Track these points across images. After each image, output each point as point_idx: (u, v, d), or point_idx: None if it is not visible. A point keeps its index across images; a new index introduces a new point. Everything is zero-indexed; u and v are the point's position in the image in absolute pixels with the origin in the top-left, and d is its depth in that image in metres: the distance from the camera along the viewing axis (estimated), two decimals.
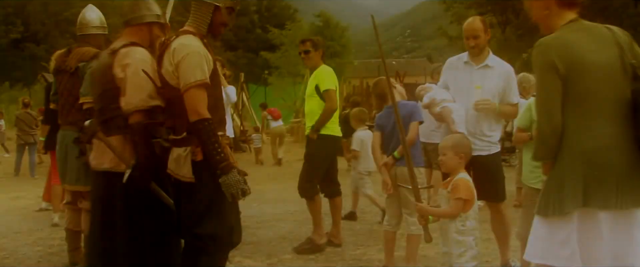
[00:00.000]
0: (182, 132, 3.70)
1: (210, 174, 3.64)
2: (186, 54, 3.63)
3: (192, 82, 3.59)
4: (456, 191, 4.01)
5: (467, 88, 5.16)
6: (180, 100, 3.65)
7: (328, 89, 6.17)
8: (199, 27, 3.86)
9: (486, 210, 7.22)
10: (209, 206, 3.71)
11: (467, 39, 5.17)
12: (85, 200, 5.38)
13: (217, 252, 3.80)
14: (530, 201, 4.78)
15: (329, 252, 6.08)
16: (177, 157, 3.70)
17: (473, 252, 4.04)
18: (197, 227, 3.71)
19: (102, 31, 5.65)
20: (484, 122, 5.09)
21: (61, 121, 5.52)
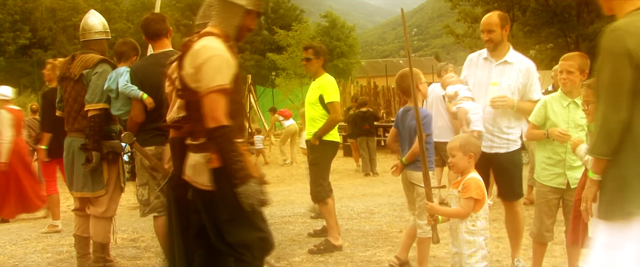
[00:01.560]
0: (200, 137, 3.53)
1: (230, 181, 3.46)
2: (209, 57, 3.44)
3: (213, 86, 3.41)
4: (467, 190, 3.97)
5: (485, 85, 5.13)
6: (199, 105, 3.48)
7: (333, 101, 6.41)
8: (225, 29, 3.66)
9: (496, 209, 7.20)
10: (234, 213, 3.51)
11: (482, 33, 5.15)
12: (93, 206, 5.37)
13: (254, 260, 3.60)
14: (542, 199, 4.74)
15: (338, 255, 6.04)
16: (195, 164, 3.54)
17: (483, 252, 4.00)
18: (228, 236, 3.53)
19: (105, 36, 5.63)
20: (502, 120, 5.04)
21: (67, 128, 5.51)
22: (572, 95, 4.57)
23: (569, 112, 4.57)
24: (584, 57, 4.64)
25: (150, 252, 6.36)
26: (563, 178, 4.60)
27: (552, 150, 4.62)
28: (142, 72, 5.03)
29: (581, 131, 4.53)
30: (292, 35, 33.15)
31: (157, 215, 5.12)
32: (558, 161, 4.60)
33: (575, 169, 4.56)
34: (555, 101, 4.62)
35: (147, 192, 5.11)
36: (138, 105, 4.99)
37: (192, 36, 3.61)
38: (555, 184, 4.63)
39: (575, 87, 4.57)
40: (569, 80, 4.55)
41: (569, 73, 4.55)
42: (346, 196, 9.71)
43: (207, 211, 3.55)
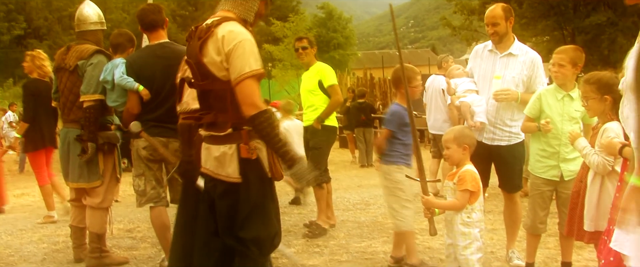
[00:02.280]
0: (227, 128, 3.39)
1: (256, 174, 3.42)
2: (238, 42, 3.29)
3: (247, 72, 3.26)
4: (462, 182, 3.99)
5: (490, 77, 5.15)
6: (224, 94, 3.36)
7: (333, 84, 6.72)
8: (244, 15, 3.52)
9: (491, 201, 7.24)
10: (254, 208, 3.43)
11: (487, 26, 5.15)
12: (89, 197, 5.38)
13: (260, 257, 3.50)
14: (536, 190, 4.76)
15: (334, 246, 6.06)
16: (221, 155, 3.39)
17: (478, 244, 4.02)
18: (240, 230, 3.42)
19: (100, 27, 5.60)
20: (506, 112, 5.05)
21: (63, 119, 5.52)
22: (567, 88, 4.58)
23: (564, 104, 4.58)
24: (578, 50, 4.65)
25: (146, 242, 6.38)
26: (557, 170, 4.62)
27: (546, 142, 4.64)
28: (138, 64, 5.03)
29: (575, 124, 4.55)
30: (288, 26, 33.16)
31: (153, 205, 5.13)
32: (552, 153, 4.62)
33: (569, 161, 4.58)
34: (550, 94, 4.64)
35: (144, 183, 5.11)
36: (134, 97, 4.99)
37: (211, 22, 3.42)
38: (549, 176, 4.65)
39: (568, 80, 4.58)
40: (560, 73, 4.56)
41: (560, 66, 4.56)
42: (342, 187, 9.75)
43: (226, 204, 3.45)
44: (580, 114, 4.56)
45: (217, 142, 3.43)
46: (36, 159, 7.72)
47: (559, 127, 4.56)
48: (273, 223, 3.55)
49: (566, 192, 4.59)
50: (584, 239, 4.26)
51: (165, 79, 4.96)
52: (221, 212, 3.47)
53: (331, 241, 6.26)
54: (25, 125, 7.29)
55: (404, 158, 5.09)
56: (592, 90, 4.09)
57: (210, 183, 3.49)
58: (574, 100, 4.55)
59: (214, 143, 3.44)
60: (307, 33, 30.84)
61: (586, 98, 4.13)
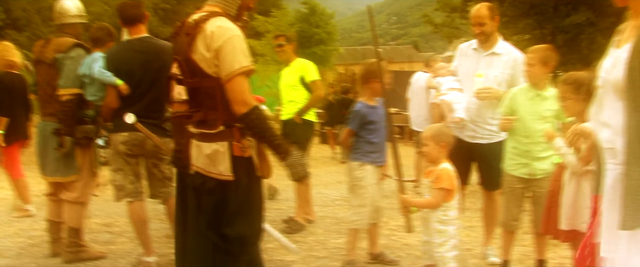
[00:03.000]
0: (218, 125, 3.38)
1: (247, 172, 3.41)
2: (228, 38, 3.26)
3: (237, 69, 3.24)
4: (439, 181, 4.03)
5: (472, 75, 5.20)
6: (214, 91, 3.33)
7: (315, 79, 6.80)
8: (227, 9, 3.47)
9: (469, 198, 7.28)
10: (241, 205, 3.44)
11: (473, 26, 5.19)
12: (66, 191, 5.35)
13: (242, 254, 3.51)
14: (509, 188, 4.82)
15: (312, 241, 6.09)
16: (213, 153, 3.36)
17: (454, 242, 4.07)
18: (225, 227, 3.42)
19: (80, 20, 5.56)
20: (487, 111, 5.09)
21: (41, 112, 5.48)
22: (538, 88, 4.63)
23: (534, 104, 4.63)
24: (549, 50, 4.70)
25: (124, 237, 6.35)
26: (528, 168, 4.67)
27: (517, 140, 4.69)
28: (117, 58, 5.01)
29: (546, 123, 4.59)
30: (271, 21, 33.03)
31: (131, 200, 5.12)
32: (523, 152, 4.67)
33: (540, 160, 4.63)
34: (522, 93, 4.69)
35: (122, 178, 5.10)
36: (113, 92, 4.98)
37: (198, 17, 3.37)
38: (520, 174, 4.70)
39: (539, 80, 4.63)
40: (531, 73, 4.61)
41: (530, 66, 4.61)
42: (321, 183, 9.75)
43: (214, 200, 3.44)
44: (552, 112, 4.60)
45: (209, 140, 3.40)
46: (10, 153, 7.65)
47: (530, 126, 4.61)
48: (257, 222, 3.57)
49: (538, 190, 4.65)
50: (560, 238, 4.31)
51: (144, 73, 4.95)
52: (207, 208, 3.46)
53: (309, 236, 6.28)
54: (5, 119, 7.19)
55: (369, 156, 5.08)
56: (569, 91, 4.13)
57: (200, 180, 3.47)
58: (546, 100, 4.60)
59: (205, 140, 3.41)
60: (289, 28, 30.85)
61: (564, 98, 4.17)
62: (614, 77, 2.77)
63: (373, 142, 5.08)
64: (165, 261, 5.30)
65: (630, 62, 2.64)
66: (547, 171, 4.59)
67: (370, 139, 5.07)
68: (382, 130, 5.14)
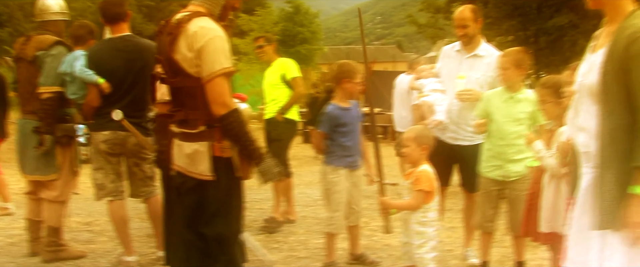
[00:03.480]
0: (199, 125, 3.38)
1: (227, 172, 3.41)
2: (210, 39, 3.26)
3: (218, 70, 3.25)
4: (418, 182, 4.04)
5: (455, 77, 5.22)
6: (196, 91, 3.33)
7: (296, 76, 6.82)
8: (211, 9, 3.47)
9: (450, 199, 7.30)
10: (220, 206, 3.45)
11: (457, 28, 5.22)
12: (46, 190, 5.31)
13: (220, 255, 3.52)
14: (483, 189, 4.84)
15: (293, 241, 6.09)
16: (193, 153, 3.37)
17: (433, 243, 4.09)
18: (204, 227, 3.44)
19: (62, 17, 5.52)
20: (469, 112, 5.09)
21: (21, 110, 5.43)
22: (512, 90, 4.66)
23: (508, 106, 4.66)
24: (521, 52, 4.75)
25: (104, 236, 6.32)
26: (502, 171, 4.69)
27: (492, 142, 4.72)
28: (99, 57, 4.98)
29: (520, 125, 4.62)
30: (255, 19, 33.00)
31: (112, 199, 5.10)
32: (497, 154, 4.69)
33: (514, 162, 4.65)
34: (496, 96, 4.72)
35: (102, 177, 5.07)
36: (94, 90, 4.94)
37: (181, 17, 3.38)
38: (494, 176, 4.73)
39: (514, 83, 4.66)
40: (505, 76, 4.65)
41: (504, 69, 4.64)
42: (303, 182, 9.74)
43: (193, 199, 3.45)
44: (526, 115, 4.63)
45: (190, 140, 3.41)
46: None
47: (504, 128, 4.64)
48: (235, 222, 3.57)
49: (512, 192, 4.68)
50: (539, 240, 4.34)
51: (126, 72, 4.93)
52: (186, 207, 3.48)
53: (291, 236, 6.29)
54: None
55: (342, 160, 5.05)
56: (548, 94, 4.16)
57: (180, 180, 3.49)
58: (520, 102, 4.64)
59: (186, 140, 3.42)
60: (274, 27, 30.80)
61: (543, 101, 4.20)
62: (588, 82, 2.82)
63: (346, 146, 5.03)
64: (146, 261, 5.29)
65: (604, 67, 2.69)
66: (521, 173, 4.64)
67: (342, 142, 5.02)
68: (355, 132, 5.10)
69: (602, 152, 2.73)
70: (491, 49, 5.27)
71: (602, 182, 2.70)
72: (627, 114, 2.63)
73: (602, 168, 2.72)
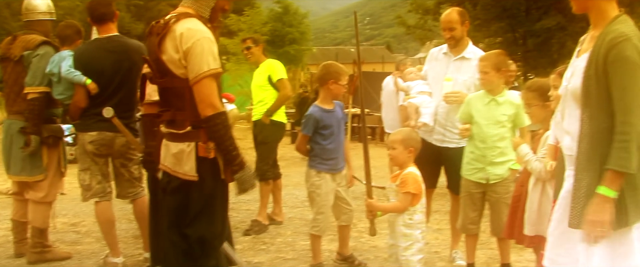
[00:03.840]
0: (186, 126, 3.40)
1: (211, 173, 3.43)
2: (197, 40, 3.27)
3: (205, 71, 3.26)
4: (404, 185, 4.05)
5: (442, 79, 5.24)
6: (183, 92, 3.35)
7: (282, 78, 6.77)
8: (200, 10, 3.48)
9: (438, 200, 7.33)
10: (204, 207, 3.46)
11: (444, 30, 5.25)
12: (32, 191, 5.28)
13: (202, 257, 3.50)
14: (466, 192, 4.86)
15: (280, 243, 6.09)
16: (179, 152, 3.40)
17: (419, 245, 4.10)
18: (187, 227, 3.44)
19: (49, 17, 5.48)
20: (455, 115, 5.10)
21: (7, 110, 5.40)
22: (493, 93, 4.69)
23: (490, 109, 4.68)
24: (501, 55, 4.78)
25: (91, 237, 6.29)
26: (483, 173, 4.71)
27: (474, 145, 4.75)
28: (86, 57, 4.96)
29: (502, 128, 4.64)
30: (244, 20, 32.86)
31: (98, 200, 5.08)
32: (479, 156, 4.72)
33: (495, 165, 4.68)
34: (478, 99, 4.74)
35: (89, 177, 5.05)
36: (81, 91, 4.93)
37: (169, 18, 3.40)
38: (476, 179, 4.75)
39: (495, 86, 4.68)
40: (485, 80, 4.67)
41: (484, 73, 4.66)
42: (291, 183, 9.72)
43: (177, 200, 3.46)
44: (507, 117, 4.65)
45: (176, 140, 3.44)
46: None
47: (485, 131, 4.67)
48: (218, 224, 3.57)
49: (495, 195, 4.71)
50: (524, 243, 4.36)
51: (113, 73, 4.92)
52: (170, 207, 3.49)
53: (278, 238, 6.28)
54: None
55: (325, 163, 5.04)
56: (534, 97, 4.19)
57: (166, 179, 3.51)
58: (501, 105, 4.66)
59: (173, 140, 3.46)
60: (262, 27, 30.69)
61: (529, 105, 4.23)
62: (572, 86, 2.85)
63: (328, 148, 5.01)
64: (132, 262, 5.28)
65: (586, 71, 2.73)
66: (503, 176, 4.67)
67: (325, 145, 5.00)
68: (339, 135, 5.09)
69: (582, 155, 2.77)
70: (478, 51, 5.30)
71: (580, 185, 2.75)
72: (607, 118, 2.67)
73: (582, 171, 2.76)
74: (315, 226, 5.09)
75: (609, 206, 2.64)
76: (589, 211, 2.67)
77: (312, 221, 5.13)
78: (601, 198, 2.64)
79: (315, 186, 5.03)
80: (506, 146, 4.64)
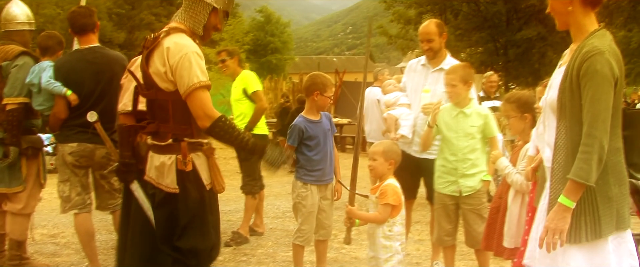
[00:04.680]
0: (167, 138, 3.44)
1: (195, 185, 3.45)
2: (184, 54, 3.30)
3: (195, 83, 3.29)
4: (384, 196, 4.06)
5: (420, 91, 5.26)
6: (167, 105, 3.41)
7: (256, 90, 6.70)
8: (193, 27, 3.53)
9: (419, 211, 7.36)
10: (192, 218, 3.46)
11: (422, 42, 5.27)
12: (10, 202, 5.22)
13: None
14: (439, 204, 4.86)
15: (261, 254, 6.07)
16: (161, 165, 3.43)
17: (399, 257, 4.10)
18: (178, 240, 3.45)
19: (29, 27, 5.42)
20: None
21: None
22: (461, 106, 4.71)
23: (458, 122, 4.70)
24: (467, 67, 4.81)
25: (70, 249, 6.24)
26: (456, 186, 4.71)
27: (444, 158, 4.75)
28: (66, 68, 4.93)
29: (472, 140, 4.66)
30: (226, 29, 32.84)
31: (77, 212, 5.03)
32: (450, 169, 4.72)
33: (467, 177, 4.68)
34: (446, 112, 4.75)
35: (69, 189, 5.01)
36: (61, 102, 4.89)
37: (159, 33, 3.45)
38: (449, 192, 4.76)
39: (462, 98, 4.70)
40: (453, 93, 4.68)
41: (452, 86, 4.67)
42: (273, 194, 9.72)
43: (165, 212, 3.46)
44: (476, 128, 4.68)
45: (159, 152, 3.48)
46: None
47: (455, 143, 4.68)
48: (211, 235, 3.57)
49: (467, 207, 4.72)
50: (503, 256, 4.39)
51: (94, 84, 4.90)
52: (159, 221, 3.50)
53: (259, 249, 6.27)
54: None
55: (311, 175, 5.01)
56: (512, 109, 4.24)
57: (152, 191, 3.52)
58: (469, 117, 4.68)
59: (156, 152, 3.49)
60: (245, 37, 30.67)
61: (507, 117, 4.27)
62: (550, 98, 2.90)
63: (314, 159, 4.98)
64: None
65: (562, 84, 2.78)
66: (475, 188, 4.68)
67: (310, 156, 4.98)
68: (325, 146, 5.04)
69: (558, 167, 2.83)
70: (455, 62, 5.33)
71: (556, 196, 2.79)
72: (581, 130, 2.71)
73: (558, 182, 2.82)
74: (300, 237, 5.07)
75: (567, 215, 2.70)
76: (548, 218, 2.74)
77: (297, 232, 5.10)
78: (560, 207, 2.71)
79: (301, 197, 5.02)
80: (477, 157, 4.66)
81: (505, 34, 29.24)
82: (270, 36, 50.83)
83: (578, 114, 2.72)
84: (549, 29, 26.40)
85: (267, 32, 51.22)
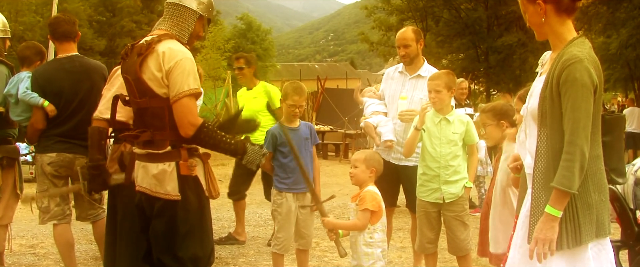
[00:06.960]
0: (165, 145, 3.40)
1: (195, 192, 3.44)
2: (180, 60, 3.32)
3: (185, 90, 3.31)
4: (363, 202, 4.06)
5: (397, 98, 5.26)
6: (162, 112, 3.38)
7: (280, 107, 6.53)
8: (179, 34, 3.53)
9: (401, 218, 7.36)
10: (192, 226, 3.45)
11: (399, 48, 5.28)
12: None
13: None
14: (422, 212, 4.86)
15: (243, 263, 6.04)
16: (160, 173, 3.39)
17: (381, 264, 4.10)
18: (178, 249, 3.43)
19: (4, 35, 5.37)
20: None
21: None
22: (443, 112, 4.73)
23: (441, 128, 4.72)
24: (450, 74, 4.83)
25: (49, 259, 6.16)
26: (439, 193, 4.72)
27: (426, 166, 4.76)
28: (44, 78, 4.87)
29: (454, 146, 4.68)
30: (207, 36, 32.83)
31: (57, 223, 4.98)
32: (433, 176, 4.73)
33: (450, 184, 4.70)
34: (428, 119, 4.76)
35: (48, 200, 4.95)
36: (38, 112, 4.84)
37: (150, 39, 3.42)
38: (432, 199, 4.76)
39: (445, 105, 4.73)
40: (438, 99, 4.69)
41: (436, 92, 4.68)
42: (255, 202, 9.68)
43: (164, 222, 3.44)
44: (458, 135, 4.69)
45: (155, 160, 3.43)
46: None
47: (438, 150, 4.70)
48: (209, 242, 3.61)
49: (450, 214, 4.73)
50: (491, 261, 4.43)
51: (73, 94, 4.85)
52: (158, 231, 3.47)
53: (240, 258, 6.24)
54: None
55: (283, 182, 5.00)
56: (488, 118, 4.28)
57: (146, 202, 3.50)
58: (451, 123, 4.70)
59: (152, 161, 3.44)
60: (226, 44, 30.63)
61: (484, 125, 4.30)
62: (531, 106, 2.93)
63: (288, 166, 4.96)
64: None
65: (542, 92, 2.81)
66: (457, 194, 4.69)
67: (284, 162, 4.96)
68: (301, 154, 4.90)
69: (539, 174, 2.85)
70: (433, 69, 5.34)
71: (538, 203, 2.82)
72: (561, 138, 2.74)
73: (539, 190, 2.84)
74: (277, 245, 5.05)
75: (555, 224, 2.72)
76: (537, 229, 2.75)
77: (274, 240, 5.10)
78: (548, 217, 2.72)
79: (277, 204, 5.01)
80: (459, 164, 4.68)
81: (486, 41, 29.38)
82: (252, 43, 50.84)
83: (558, 122, 2.75)
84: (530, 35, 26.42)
85: (249, 39, 51.25)
